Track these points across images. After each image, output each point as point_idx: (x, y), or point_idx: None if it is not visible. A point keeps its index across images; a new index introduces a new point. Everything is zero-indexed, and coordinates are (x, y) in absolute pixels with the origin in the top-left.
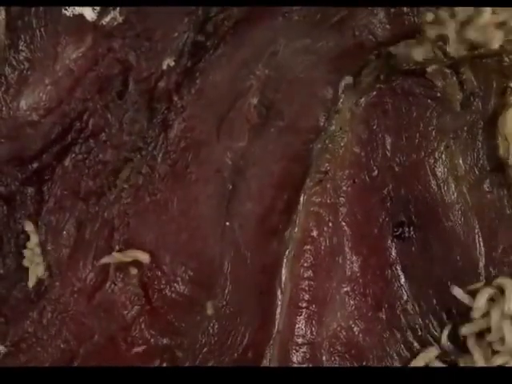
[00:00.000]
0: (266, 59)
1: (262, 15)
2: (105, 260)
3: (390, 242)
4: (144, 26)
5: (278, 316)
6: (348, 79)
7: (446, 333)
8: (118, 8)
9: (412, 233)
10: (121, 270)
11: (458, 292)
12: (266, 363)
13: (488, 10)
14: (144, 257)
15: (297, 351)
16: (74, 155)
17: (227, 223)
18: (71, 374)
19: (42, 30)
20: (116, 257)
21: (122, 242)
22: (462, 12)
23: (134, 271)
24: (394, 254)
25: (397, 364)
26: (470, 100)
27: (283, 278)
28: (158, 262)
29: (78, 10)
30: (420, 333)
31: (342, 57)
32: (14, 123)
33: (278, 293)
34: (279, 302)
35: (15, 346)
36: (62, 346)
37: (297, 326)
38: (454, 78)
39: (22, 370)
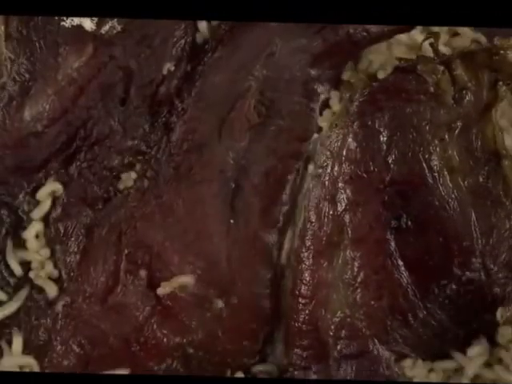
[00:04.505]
0: (264, 60)
1: None
2: (159, 291)
3: (388, 234)
4: (143, 33)
5: (283, 305)
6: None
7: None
8: None
9: (410, 224)
10: (130, 272)
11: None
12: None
13: None
14: (188, 279)
15: (302, 337)
16: (79, 163)
17: (232, 221)
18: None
19: (42, 41)
20: (165, 288)
21: (130, 245)
22: None
23: (143, 273)
24: (392, 245)
25: (401, 348)
26: (463, 94)
27: (287, 269)
28: (166, 262)
29: (76, 20)
30: (421, 315)
31: (336, 54)
32: (19, 134)
33: (284, 283)
34: (285, 292)
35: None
36: (76, 350)
37: (301, 313)
38: (446, 74)
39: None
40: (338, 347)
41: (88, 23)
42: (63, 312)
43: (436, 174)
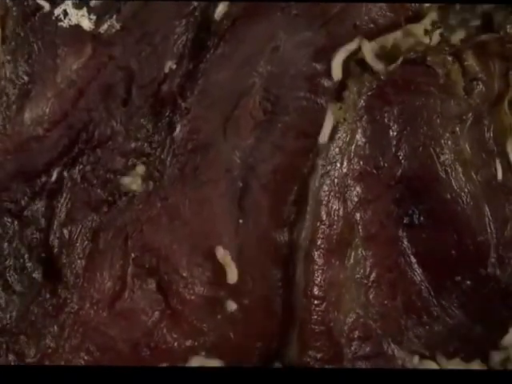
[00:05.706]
0: (268, 55)
1: (260, 11)
2: None
3: (400, 230)
4: (142, 31)
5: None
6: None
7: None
8: (114, 16)
9: (422, 220)
10: (138, 276)
11: None
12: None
13: None
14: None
15: (316, 338)
16: (81, 166)
17: (240, 220)
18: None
19: (40, 43)
20: None
21: (137, 248)
22: None
23: (151, 277)
24: (405, 242)
25: (416, 347)
26: (473, 85)
27: (298, 268)
28: (174, 265)
29: (74, 20)
30: (436, 313)
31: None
32: (19, 139)
33: (296, 283)
34: (297, 292)
35: (39, 363)
36: (85, 357)
37: (314, 314)
38: (456, 65)
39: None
40: (352, 348)
41: (86, 22)
42: (70, 319)
43: (448, 168)
